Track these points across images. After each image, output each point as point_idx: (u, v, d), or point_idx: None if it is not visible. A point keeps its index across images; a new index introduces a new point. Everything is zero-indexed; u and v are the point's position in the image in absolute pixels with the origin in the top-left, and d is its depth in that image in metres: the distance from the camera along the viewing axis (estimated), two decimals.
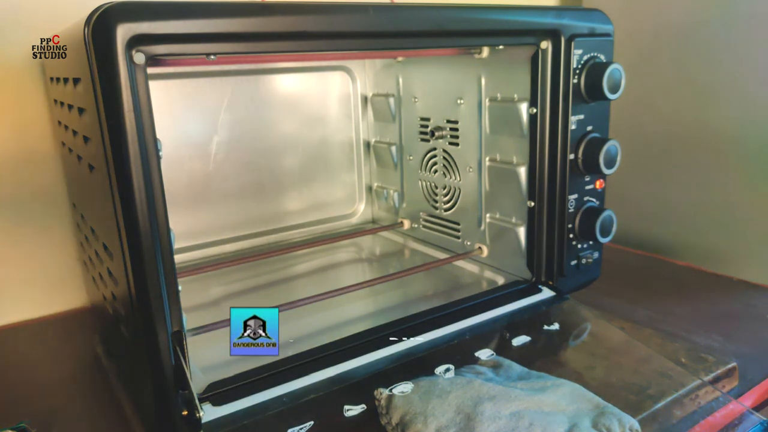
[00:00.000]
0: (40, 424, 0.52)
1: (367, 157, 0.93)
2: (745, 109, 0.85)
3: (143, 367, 0.44)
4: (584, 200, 0.63)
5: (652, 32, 0.96)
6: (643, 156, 0.99)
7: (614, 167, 0.61)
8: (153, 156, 0.41)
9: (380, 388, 0.50)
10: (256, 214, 0.86)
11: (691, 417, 0.50)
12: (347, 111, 0.91)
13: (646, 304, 0.73)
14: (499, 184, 0.69)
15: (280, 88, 0.85)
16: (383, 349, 0.53)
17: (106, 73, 0.38)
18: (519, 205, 0.67)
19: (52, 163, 0.75)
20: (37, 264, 0.77)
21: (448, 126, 0.76)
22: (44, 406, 0.56)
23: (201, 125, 0.79)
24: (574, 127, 0.60)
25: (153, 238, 0.41)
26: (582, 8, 0.64)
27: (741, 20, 0.84)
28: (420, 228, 0.86)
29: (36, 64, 0.71)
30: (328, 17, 0.47)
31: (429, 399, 0.47)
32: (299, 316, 0.60)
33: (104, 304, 0.58)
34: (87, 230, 0.60)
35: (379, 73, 0.88)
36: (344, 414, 0.49)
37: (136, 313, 0.43)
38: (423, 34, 0.53)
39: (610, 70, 0.57)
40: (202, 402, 0.45)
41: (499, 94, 0.67)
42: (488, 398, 0.47)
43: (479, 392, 0.48)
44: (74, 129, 0.53)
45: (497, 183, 0.70)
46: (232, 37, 0.43)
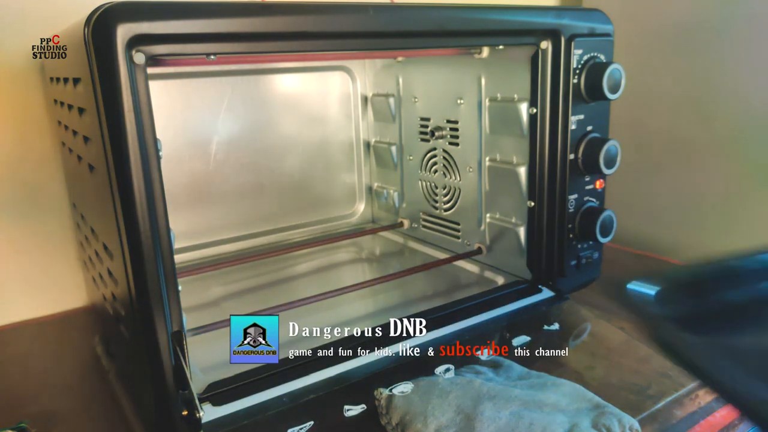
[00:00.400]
0: (40, 424, 0.52)
1: (367, 157, 0.93)
2: (746, 109, 0.85)
3: (143, 367, 0.44)
4: (584, 200, 0.63)
5: (652, 32, 0.96)
6: (643, 156, 0.99)
7: (614, 167, 0.61)
8: (153, 156, 0.41)
9: (380, 388, 0.50)
10: (256, 214, 0.86)
11: (691, 417, 0.50)
12: (347, 111, 0.91)
13: None
14: (499, 184, 0.69)
15: (280, 88, 0.85)
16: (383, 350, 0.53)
17: (106, 73, 0.38)
18: (519, 205, 0.67)
19: (52, 163, 0.75)
20: (37, 264, 0.77)
21: (448, 126, 0.76)
22: (44, 406, 0.56)
23: (201, 125, 0.79)
24: (574, 127, 0.60)
25: (153, 238, 0.41)
26: (582, 8, 0.64)
27: (741, 20, 0.84)
28: (420, 228, 0.86)
29: (36, 64, 0.71)
30: (328, 17, 0.47)
31: (429, 399, 0.47)
32: (299, 316, 0.60)
33: (104, 304, 0.58)
34: (87, 230, 0.60)
35: (379, 73, 0.88)
36: (344, 414, 0.50)
37: (136, 313, 0.43)
38: (423, 34, 0.53)
39: (610, 70, 0.57)
40: (202, 402, 0.45)
41: (499, 94, 0.67)
42: (488, 398, 0.47)
43: (479, 392, 0.48)
44: (74, 129, 0.53)
45: (497, 183, 0.70)
46: (232, 37, 0.43)
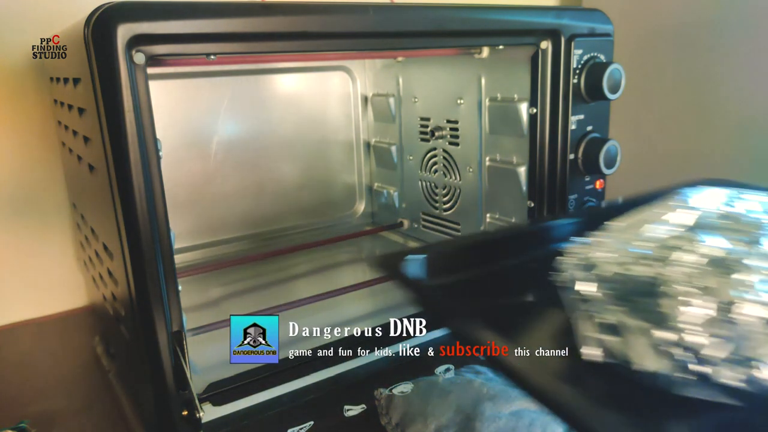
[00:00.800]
0: (40, 424, 0.52)
1: (367, 157, 0.93)
2: (746, 109, 0.85)
3: (143, 367, 0.44)
4: (584, 200, 0.63)
5: (652, 32, 0.96)
6: (643, 156, 0.99)
7: (614, 167, 0.61)
8: (153, 156, 0.41)
9: (380, 388, 0.50)
10: (256, 214, 0.86)
11: None
12: (347, 111, 0.91)
13: None
14: (499, 184, 0.69)
15: (280, 88, 0.85)
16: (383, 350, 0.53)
17: (106, 73, 0.38)
18: (519, 205, 0.66)
19: (52, 163, 0.75)
20: (37, 264, 0.77)
21: (448, 126, 0.76)
22: (44, 406, 0.56)
23: (201, 125, 0.79)
24: (574, 127, 0.60)
25: (153, 238, 0.41)
26: (582, 8, 0.64)
27: (741, 20, 0.84)
28: (420, 228, 0.86)
29: (36, 64, 0.71)
30: (328, 17, 0.47)
31: (429, 399, 0.47)
32: (299, 316, 0.60)
33: (104, 304, 0.58)
34: (87, 230, 0.60)
35: (379, 73, 0.88)
36: (344, 414, 0.50)
37: (136, 313, 0.43)
38: (423, 34, 0.53)
39: (610, 70, 0.57)
40: (202, 402, 0.45)
41: (499, 94, 0.67)
42: (488, 398, 0.47)
43: (479, 392, 0.48)
44: (74, 129, 0.53)
45: (497, 183, 0.70)
46: (232, 37, 0.43)
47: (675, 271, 0.29)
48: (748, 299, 0.27)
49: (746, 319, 0.27)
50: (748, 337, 0.26)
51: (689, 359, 0.27)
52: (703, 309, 0.27)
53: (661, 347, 0.28)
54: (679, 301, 0.28)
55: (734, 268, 0.29)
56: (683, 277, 0.29)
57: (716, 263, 0.29)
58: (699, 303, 0.27)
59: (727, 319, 0.27)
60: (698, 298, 0.28)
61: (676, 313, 0.28)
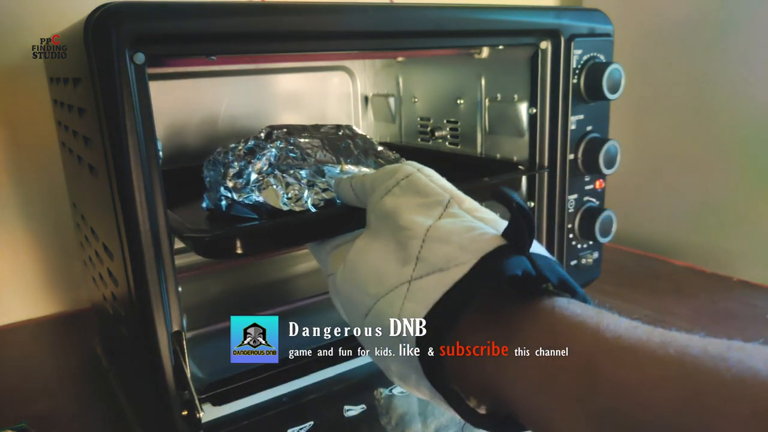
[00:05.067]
0: (40, 424, 0.52)
1: None
2: (746, 109, 0.85)
3: (143, 367, 0.44)
4: (584, 200, 0.63)
5: (652, 32, 0.96)
6: (643, 156, 0.99)
7: (614, 167, 0.61)
8: (153, 156, 0.41)
9: (380, 388, 0.50)
10: None
11: None
12: (347, 111, 0.91)
13: (646, 304, 0.73)
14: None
15: (280, 88, 0.85)
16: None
17: (106, 73, 0.38)
18: None
19: (52, 163, 0.75)
20: (37, 264, 0.77)
21: (448, 126, 0.76)
22: (44, 406, 0.57)
23: (201, 125, 0.79)
24: (574, 127, 0.60)
25: (153, 238, 0.41)
26: (582, 8, 0.64)
27: (742, 20, 0.84)
28: None
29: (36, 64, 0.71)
30: (328, 17, 0.47)
31: None
32: (299, 316, 0.60)
33: (104, 304, 0.58)
34: (87, 230, 0.60)
35: (379, 73, 0.88)
36: (344, 414, 0.50)
37: (136, 313, 0.43)
38: (423, 34, 0.53)
39: (610, 70, 0.57)
40: (202, 402, 0.45)
41: (499, 94, 0.67)
42: None
43: None
44: (74, 129, 0.53)
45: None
46: (232, 37, 0.43)
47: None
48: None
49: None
50: None
51: None
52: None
53: None
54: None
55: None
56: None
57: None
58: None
59: None
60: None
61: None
